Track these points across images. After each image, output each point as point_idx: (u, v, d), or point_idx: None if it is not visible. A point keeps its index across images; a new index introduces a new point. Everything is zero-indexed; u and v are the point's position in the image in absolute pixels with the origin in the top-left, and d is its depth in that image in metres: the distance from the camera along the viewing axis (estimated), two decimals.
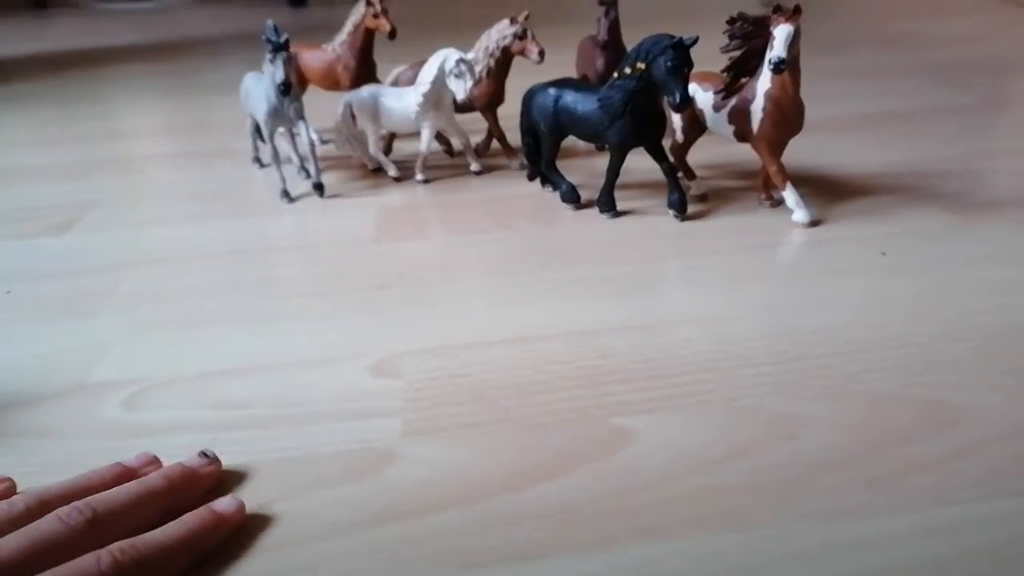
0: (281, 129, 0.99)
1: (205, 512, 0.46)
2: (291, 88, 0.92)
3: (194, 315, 0.73)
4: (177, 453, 0.52)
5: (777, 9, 0.76)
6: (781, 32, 0.75)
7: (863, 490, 0.47)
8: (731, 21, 0.80)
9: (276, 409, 0.58)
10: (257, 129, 1.11)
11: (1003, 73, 1.47)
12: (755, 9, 0.81)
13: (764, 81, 0.80)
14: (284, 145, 1.03)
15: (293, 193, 1.00)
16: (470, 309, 0.71)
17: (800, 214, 0.83)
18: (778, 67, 0.75)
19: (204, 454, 0.51)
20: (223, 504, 0.47)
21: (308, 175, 1.03)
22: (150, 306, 0.75)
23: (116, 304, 0.76)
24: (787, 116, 0.80)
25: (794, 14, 0.75)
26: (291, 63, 0.94)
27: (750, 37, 0.80)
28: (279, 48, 0.91)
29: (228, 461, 0.52)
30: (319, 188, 1.00)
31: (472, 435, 0.54)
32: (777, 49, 0.75)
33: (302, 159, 1.04)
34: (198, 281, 0.79)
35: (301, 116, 0.97)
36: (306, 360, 0.64)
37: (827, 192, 0.92)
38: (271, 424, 0.56)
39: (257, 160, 1.14)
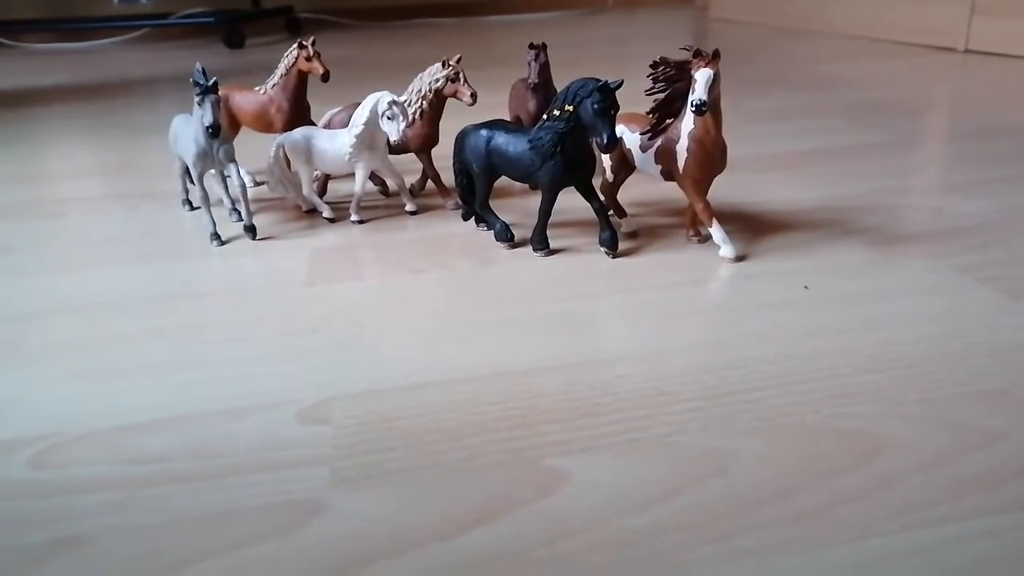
0: (212, 171, 0.97)
1: None
2: (220, 131, 0.91)
3: (110, 365, 0.70)
4: (89, 513, 0.49)
5: (698, 54, 0.79)
6: (702, 76, 0.77)
7: (792, 525, 0.48)
8: (654, 65, 0.83)
9: (196, 462, 0.56)
10: (186, 171, 1.08)
11: (916, 112, 1.55)
12: (677, 54, 0.84)
13: (688, 122, 0.82)
14: (216, 187, 1.01)
15: (224, 236, 0.98)
16: (403, 350, 0.70)
17: (726, 250, 0.85)
18: (700, 109, 0.77)
19: None
20: None
21: (239, 217, 1.01)
22: (63, 356, 0.71)
23: (24, 356, 0.72)
24: (710, 156, 0.82)
25: (713, 59, 0.78)
26: (221, 105, 0.93)
27: (673, 81, 0.82)
28: (207, 91, 0.90)
29: (145, 519, 0.50)
30: (250, 230, 0.99)
31: (403, 482, 0.53)
32: (698, 92, 0.77)
33: (233, 201, 1.03)
34: (116, 329, 0.76)
35: (231, 158, 0.95)
36: (230, 409, 0.62)
37: (752, 228, 0.95)
38: (191, 478, 0.54)
39: (187, 202, 1.11)
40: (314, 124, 1.10)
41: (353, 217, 1.03)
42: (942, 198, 1.04)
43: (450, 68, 1.00)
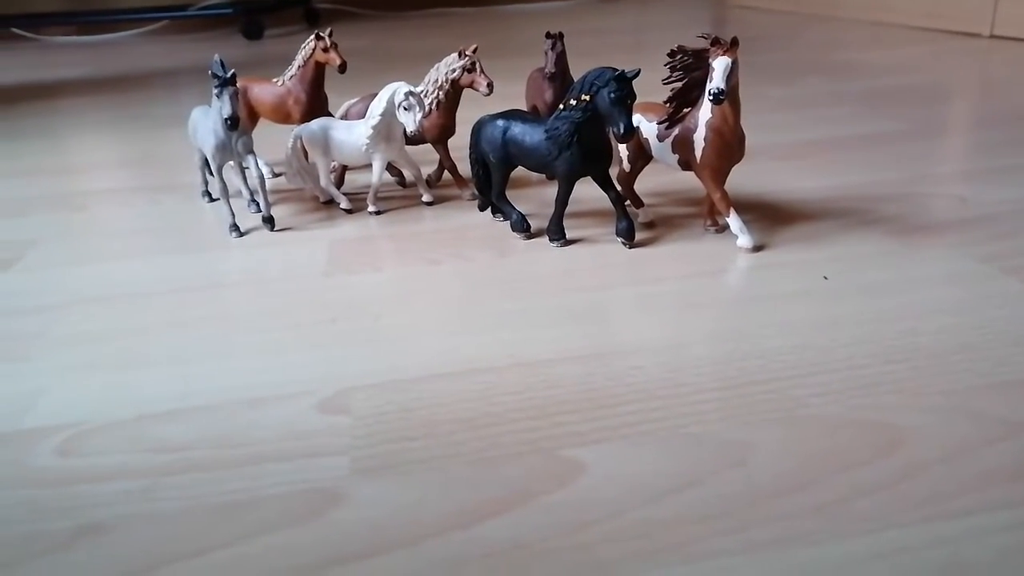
0: (231, 163, 0.97)
1: None
2: (238, 122, 0.91)
3: (133, 355, 0.71)
4: (112, 501, 0.50)
5: (715, 42, 0.78)
6: (720, 64, 0.77)
7: (811, 517, 0.47)
8: (672, 54, 0.82)
9: (218, 451, 0.56)
10: (206, 163, 1.09)
11: (938, 100, 1.52)
12: (695, 42, 0.83)
13: (705, 111, 0.82)
14: (235, 179, 1.02)
15: (243, 227, 0.99)
16: (421, 341, 0.70)
17: (744, 240, 0.84)
18: (717, 98, 0.77)
19: None
20: None
21: (258, 209, 1.02)
22: (87, 347, 0.72)
23: (50, 346, 0.73)
24: (728, 145, 0.82)
25: (731, 47, 0.77)
26: (239, 97, 0.94)
27: (690, 69, 0.81)
28: (225, 83, 0.90)
29: (166, 507, 0.51)
30: (269, 222, 0.99)
31: (422, 471, 0.53)
32: (716, 81, 0.77)
33: (252, 193, 1.03)
34: (139, 320, 0.77)
35: (250, 150, 0.96)
36: (250, 399, 0.63)
37: (770, 218, 0.94)
38: (212, 467, 0.55)
39: (206, 194, 1.12)
40: (331, 115, 1.11)
41: (370, 208, 1.03)
42: (965, 186, 1.02)
43: (467, 58, 1.00)
